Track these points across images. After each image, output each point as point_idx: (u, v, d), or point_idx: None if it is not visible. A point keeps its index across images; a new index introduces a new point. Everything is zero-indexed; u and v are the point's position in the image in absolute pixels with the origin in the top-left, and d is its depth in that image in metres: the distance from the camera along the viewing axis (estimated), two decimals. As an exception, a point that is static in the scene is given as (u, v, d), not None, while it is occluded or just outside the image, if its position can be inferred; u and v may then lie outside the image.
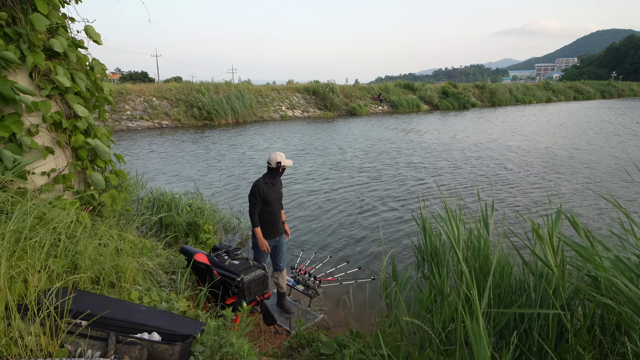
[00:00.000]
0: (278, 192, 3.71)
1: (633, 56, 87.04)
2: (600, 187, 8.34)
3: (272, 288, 4.04)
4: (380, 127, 20.01)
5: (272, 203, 3.64)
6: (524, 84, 46.01)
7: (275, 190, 3.66)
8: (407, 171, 10.09)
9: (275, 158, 3.59)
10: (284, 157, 3.63)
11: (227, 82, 26.65)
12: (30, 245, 2.03)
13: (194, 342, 2.04)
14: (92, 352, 1.73)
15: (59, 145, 2.98)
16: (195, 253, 3.22)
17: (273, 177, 3.63)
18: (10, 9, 2.67)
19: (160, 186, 5.83)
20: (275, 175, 3.63)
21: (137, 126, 19.55)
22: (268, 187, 3.60)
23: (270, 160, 3.61)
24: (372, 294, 4.05)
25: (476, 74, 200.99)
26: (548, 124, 20.95)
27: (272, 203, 3.64)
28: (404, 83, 34.77)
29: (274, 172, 3.62)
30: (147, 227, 4.76)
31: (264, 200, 3.59)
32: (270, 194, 3.61)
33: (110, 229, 2.77)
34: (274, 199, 3.65)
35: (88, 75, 3.21)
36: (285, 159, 3.64)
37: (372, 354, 2.24)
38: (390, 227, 6.18)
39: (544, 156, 11.88)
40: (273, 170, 3.62)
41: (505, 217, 6.34)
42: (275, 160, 3.58)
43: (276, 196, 3.68)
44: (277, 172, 3.63)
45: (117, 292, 2.36)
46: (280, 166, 3.61)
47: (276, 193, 3.68)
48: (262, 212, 3.63)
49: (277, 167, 3.60)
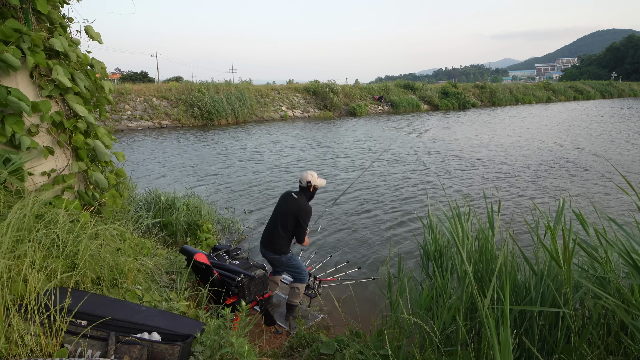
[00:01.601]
0: (287, 209, 3.56)
1: (633, 56, 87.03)
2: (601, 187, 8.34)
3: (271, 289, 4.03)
4: (380, 127, 20.01)
5: (275, 214, 3.65)
6: (524, 84, 46.01)
7: (285, 204, 3.60)
8: (408, 171, 10.09)
9: (305, 177, 3.57)
10: (315, 176, 3.59)
11: (227, 82, 26.66)
12: (30, 244, 2.02)
13: (194, 342, 2.04)
14: (92, 352, 1.73)
15: (59, 145, 2.98)
16: (195, 253, 3.22)
17: (303, 194, 3.61)
18: (10, 9, 2.67)
19: (160, 186, 5.83)
20: (304, 193, 3.61)
21: (137, 126, 19.55)
22: (284, 197, 3.64)
23: (301, 179, 3.60)
24: (372, 294, 4.05)
25: (476, 74, 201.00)
26: (551, 123, 20.95)
27: (275, 214, 3.65)
28: (404, 83, 34.77)
29: (304, 190, 3.61)
30: (146, 226, 4.76)
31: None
32: (280, 205, 3.63)
33: (110, 229, 2.77)
34: (277, 211, 3.63)
35: (88, 75, 3.21)
36: (317, 178, 3.60)
37: (372, 354, 2.24)
38: (390, 227, 6.18)
39: (550, 155, 11.88)
40: (303, 189, 3.61)
41: (513, 217, 6.34)
42: (305, 179, 3.56)
43: (281, 210, 3.59)
44: (307, 190, 3.60)
45: (117, 292, 2.36)
46: (311, 185, 3.58)
47: (283, 208, 3.59)
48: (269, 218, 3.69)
49: (308, 186, 3.58)
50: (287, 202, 3.57)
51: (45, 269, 2.00)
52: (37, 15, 2.86)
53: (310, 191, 3.59)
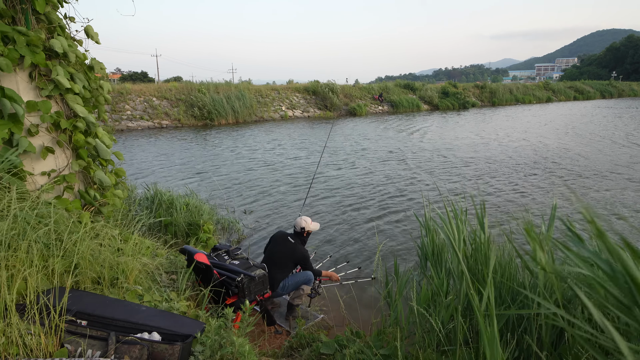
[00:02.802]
0: (285, 252, 3.56)
1: (633, 56, 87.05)
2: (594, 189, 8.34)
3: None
4: (380, 127, 20.01)
5: (271, 255, 3.63)
6: (524, 84, 45.99)
7: (282, 246, 3.59)
8: (409, 171, 10.09)
9: (299, 224, 3.62)
10: (309, 222, 3.65)
11: (227, 82, 26.66)
12: (30, 244, 2.02)
13: (194, 342, 2.04)
14: (92, 352, 1.73)
15: (59, 145, 2.98)
16: (195, 253, 3.22)
17: (298, 238, 3.64)
18: (10, 9, 2.67)
19: (160, 186, 5.83)
20: (299, 238, 3.65)
21: (137, 126, 19.55)
22: (280, 239, 3.63)
23: (295, 224, 3.65)
24: (373, 293, 4.05)
25: (476, 74, 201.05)
26: (552, 123, 20.96)
27: (271, 255, 3.63)
28: (404, 83, 34.76)
29: (298, 235, 3.66)
30: (146, 226, 4.76)
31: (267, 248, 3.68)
32: (273, 247, 3.62)
33: (110, 229, 2.77)
34: (273, 252, 3.61)
35: (87, 75, 3.22)
36: (311, 223, 3.66)
37: (372, 353, 2.24)
38: (391, 227, 6.18)
39: (551, 156, 11.89)
40: (297, 234, 3.66)
41: (502, 217, 6.34)
42: (299, 225, 3.63)
43: (277, 251, 3.57)
44: (301, 236, 3.66)
45: (117, 291, 2.36)
46: (304, 231, 3.64)
47: (281, 249, 3.58)
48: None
49: (301, 232, 3.64)
50: (288, 248, 3.57)
51: (45, 268, 2.00)
52: (36, 16, 2.86)
53: (304, 236, 3.67)
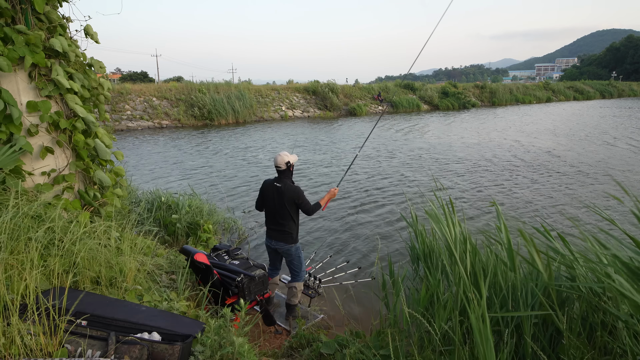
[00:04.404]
0: (281, 201, 3.49)
1: (633, 56, 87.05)
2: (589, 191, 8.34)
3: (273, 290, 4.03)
4: (380, 127, 20.01)
5: (271, 209, 3.59)
6: (524, 84, 45.99)
7: (276, 196, 3.52)
8: (409, 171, 10.09)
9: (283, 159, 3.43)
10: (289, 154, 3.49)
11: (227, 82, 26.66)
12: (29, 244, 2.02)
13: (194, 342, 2.04)
14: (92, 352, 1.73)
15: (58, 145, 2.98)
16: (195, 253, 3.22)
17: (285, 177, 3.51)
18: (10, 9, 2.67)
19: (160, 186, 5.83)
20: (286, 176, 3.51)
21: (137, 126, 19.55)
22: (270, 190, 3.53)
23: (278, 162, 3.44)
24: (372, 293, 4.04)
25: (476, 74, 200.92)
26: (552, 123, 20.95)
27: (271, 209, 3.59)
28: (404, 83, 34.77)
29: (285, 173, 3.50)
30: (146, 226, 4.76)
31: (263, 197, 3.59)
32: (271, 199, 3.54)
33: (110, 228, 2.77)
34: (271, 205, 3.57)
35: (87, 75, 3.22)
36: (291, 155, 3.51)
37: (372, 354, 2.24)
38: (391, 227, 6.18)
39: (548, 156, 11.89)
40: (284, 172, 3.49)
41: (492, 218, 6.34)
42: (283, 161, 3.43)
43: (275, 204, 3.53)
44: (288, 172, 3.50)
45: (117, 291, 2.36)
46: (290, 165, 3.48)
47: (277, 200, 3.52)
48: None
49: (287, 167, 3.47)
50: (278, 193, 3.47)
51: (45, 268, 2.00)
52: (36, 15, 2.86)
53: (290, 170, 3.50)
